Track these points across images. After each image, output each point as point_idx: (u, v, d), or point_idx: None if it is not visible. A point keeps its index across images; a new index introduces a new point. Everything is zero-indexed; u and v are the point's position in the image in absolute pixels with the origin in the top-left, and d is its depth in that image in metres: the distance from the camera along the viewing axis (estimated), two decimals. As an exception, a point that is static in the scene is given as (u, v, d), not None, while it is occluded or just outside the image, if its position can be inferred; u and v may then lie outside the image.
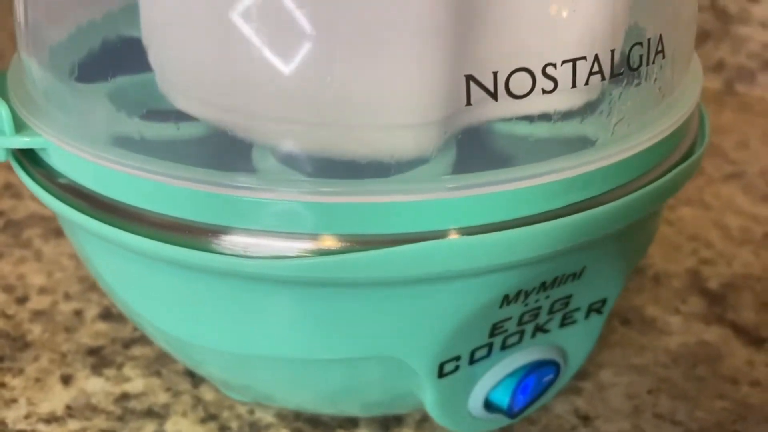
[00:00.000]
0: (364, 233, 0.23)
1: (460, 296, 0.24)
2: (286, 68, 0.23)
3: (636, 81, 0.24)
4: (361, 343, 0.25)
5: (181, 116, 0.25)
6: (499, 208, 0.23)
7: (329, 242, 0.23)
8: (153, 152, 0.25)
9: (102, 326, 0.36)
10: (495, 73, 0.22)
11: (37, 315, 0.36)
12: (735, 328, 0.36)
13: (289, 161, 0.24)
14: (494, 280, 0.24)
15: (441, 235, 0.22)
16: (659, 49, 0.24)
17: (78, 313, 0.36)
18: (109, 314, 0.36)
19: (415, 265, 0.23)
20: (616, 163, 0.24)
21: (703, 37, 0.55)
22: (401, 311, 0.24)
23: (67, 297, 0.37)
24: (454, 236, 0.22)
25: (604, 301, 0.28)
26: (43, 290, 0.38)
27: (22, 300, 0.37)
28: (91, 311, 0.36)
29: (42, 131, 0.26)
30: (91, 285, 0.37)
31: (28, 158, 0.27)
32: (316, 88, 0.23)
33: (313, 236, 0.23)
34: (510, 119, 0.23)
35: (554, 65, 0.22)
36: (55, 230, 0.41)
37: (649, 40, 0.24)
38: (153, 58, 0.26)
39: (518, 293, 0.25)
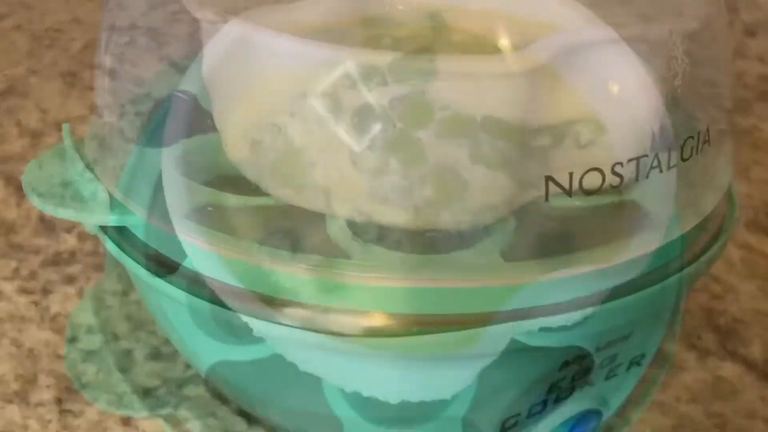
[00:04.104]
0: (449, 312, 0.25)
1: (529, 365, 0.26)
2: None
3: (686, 169, 0.26)
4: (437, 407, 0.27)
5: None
6: (573, 290, 0.25)
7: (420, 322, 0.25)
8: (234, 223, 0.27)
9: (154, 366, 0.37)
10: (570, 174, 0.24)
11: (89, 355, 0.38)
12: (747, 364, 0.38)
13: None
14: (562, 351, 0.26)
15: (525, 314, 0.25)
16: (706, 138, 0.27)
17: (128, 354, 0.38)
18: (159, 354, 0.38)
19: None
20: (671, 241, 0.26)
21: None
22: (482, 380, 0.26)
23: (116, 337, 0.39)
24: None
25: (643, 355, 0.31)
26: (91, 330, 0.39)
27: (71, 340, 0.39)
28: (141, 351, 0.38)
29: (135, 209, 0.28)
30: (137, 324, 0.39)
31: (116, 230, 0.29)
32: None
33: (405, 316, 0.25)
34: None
35: (621, 164, 0.25)
36: (94, 266, 0.43)
37: (698, 132, 0.26)
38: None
39: (576, 357, 0.27)
